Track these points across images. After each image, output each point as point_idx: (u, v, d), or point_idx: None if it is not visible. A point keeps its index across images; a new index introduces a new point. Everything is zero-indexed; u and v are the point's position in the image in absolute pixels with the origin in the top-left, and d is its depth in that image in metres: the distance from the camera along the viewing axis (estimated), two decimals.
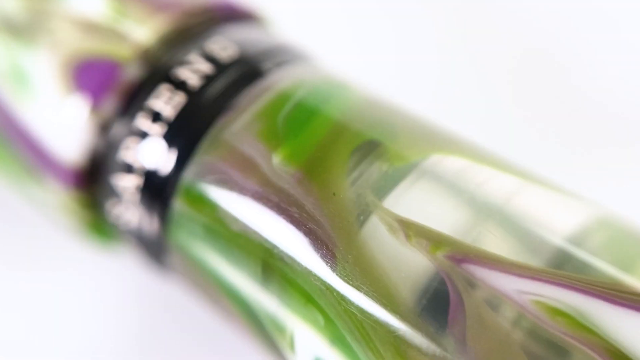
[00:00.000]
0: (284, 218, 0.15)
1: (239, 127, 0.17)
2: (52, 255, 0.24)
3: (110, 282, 0.24)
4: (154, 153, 0.18)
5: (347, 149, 0.16)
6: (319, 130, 0.16)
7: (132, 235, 0.19)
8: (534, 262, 0.13)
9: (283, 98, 0.17)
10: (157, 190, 0.18)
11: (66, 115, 0.18)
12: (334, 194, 0.15)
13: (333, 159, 0.16)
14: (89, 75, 0.18)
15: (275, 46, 0.19)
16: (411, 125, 0.17)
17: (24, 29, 0.19)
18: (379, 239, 0.14)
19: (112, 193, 0.19)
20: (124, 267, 0.24)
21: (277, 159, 0.16)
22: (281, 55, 0.19)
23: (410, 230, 0.14)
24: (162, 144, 0.18)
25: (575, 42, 0.28)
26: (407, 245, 0.14)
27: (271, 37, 0.20)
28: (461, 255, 0.13)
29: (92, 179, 0.19)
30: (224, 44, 0.19)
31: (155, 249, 0.19)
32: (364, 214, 0.15)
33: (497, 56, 0.28)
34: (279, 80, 0.18)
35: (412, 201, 0.14)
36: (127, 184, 0.18)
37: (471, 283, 0.13)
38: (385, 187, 0.15)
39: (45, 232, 0.23)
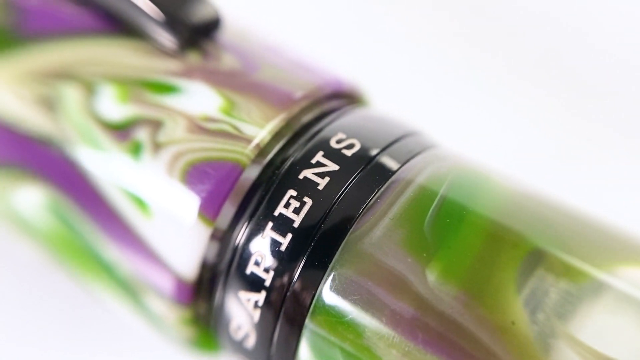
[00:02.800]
0: (452, 352, 0.12)
1: (379, 234, 0.14)
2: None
3: None
4: (279, 265, 0.15)
5: (513, 262, 0.13)
6: (474, 237, 0.14)
7: (248, 354, 0.16)
8: None
9: (424, 198, 0.15)
10: (284, 308, 0.15)
11: (180, 224, 0.16)
12: (512, 322, 0.12)
13: (498, 274, 0.13)
14: (205, 180, 0.16)
15: (398, 135, 0.17)
16: (576, 224, 0.14)
17: (131, 135, 0.16)
18: None
19: (229, 308, 0.16)
20: None
21: (431, 275, 0.13)
22: (406, 145, 0.16)
23: None
24: (289, 255, 0.15)
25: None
26: None
27: (389, 123, 0.17)
28: None
29: (205, 291, 0.17)
30: (348, 141, 0.16)
31: None
32: (554, 350, 0.12)
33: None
34: (413, 177, 0.15)
35: (617, 334, 0.11)
36: (248, 298, 0.16)
37: None
38: (572, 311, 0.12)
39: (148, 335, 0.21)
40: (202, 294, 0.17)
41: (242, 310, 0.16)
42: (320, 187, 0.15)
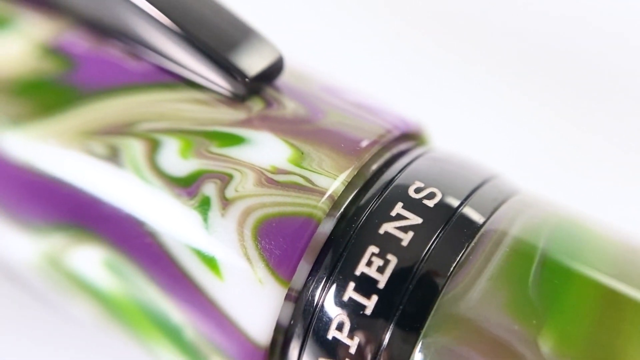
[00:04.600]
0: None
1: (477, 297, 0.13)
2: None
3: None
4: (364, 330, 0.14)
5: (637, 327, 0.11)
6: (588, 299, 0.12)
7: None
8: None
9: (523, 255, 0.13)
10: None
11: (254, 285, 0.14)
12: None
13: (623, 342, 0.11)
14: (279, 236, 0.14)
15: (479, 181, 0.15)
16: None
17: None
18: None
19: None
20: None
21: (545, 345, 0.12)
22: (490, 192, 0.15)
23: None
24: (375, 319, 0.13)
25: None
26: None
27: (465, 167, 0.16)
28: None
29: (277, 356, 0.15)
30: (427, 190, 0.14)
31: None
32: None
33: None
34: (505, 229, 0.14)
35: None
36: None
37: None
38: None
39: None
40: (274, 359, 0.15)
41: None
42: (404, 243, 0.14)
